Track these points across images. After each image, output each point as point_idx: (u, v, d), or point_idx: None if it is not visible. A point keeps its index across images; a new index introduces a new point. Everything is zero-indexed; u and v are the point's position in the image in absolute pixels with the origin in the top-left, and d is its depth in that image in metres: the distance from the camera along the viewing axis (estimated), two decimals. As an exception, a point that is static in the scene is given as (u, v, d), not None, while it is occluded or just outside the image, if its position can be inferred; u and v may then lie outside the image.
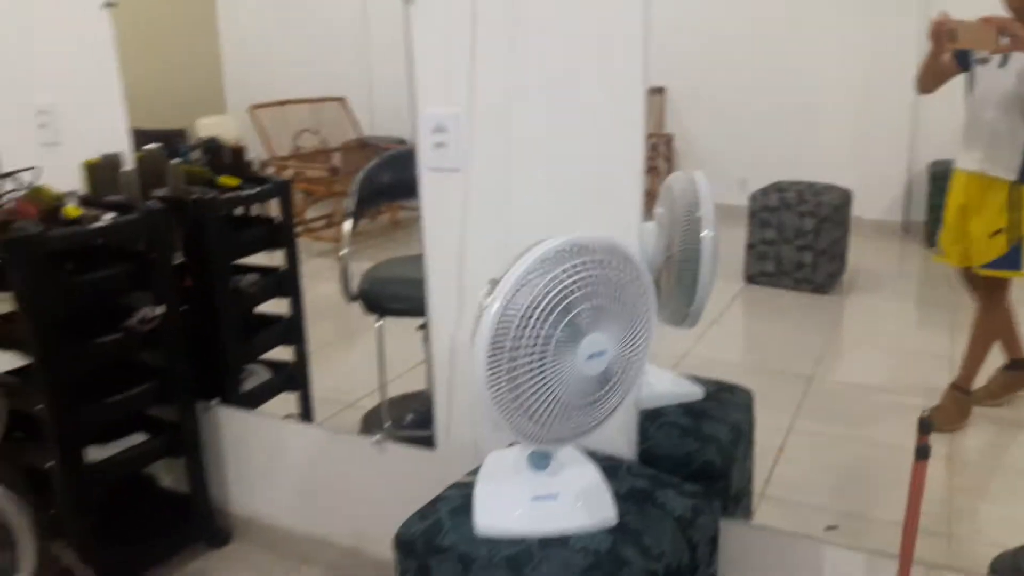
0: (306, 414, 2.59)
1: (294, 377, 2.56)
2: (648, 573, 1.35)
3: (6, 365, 2.04)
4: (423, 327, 1.97)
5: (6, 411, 1.63)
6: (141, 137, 2.42)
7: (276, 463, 2.26)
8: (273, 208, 2.51)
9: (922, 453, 1.42)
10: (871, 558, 1.59)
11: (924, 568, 1.54)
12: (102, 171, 2.20)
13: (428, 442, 1.98)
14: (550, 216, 1.71)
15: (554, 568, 1.34)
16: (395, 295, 2.43)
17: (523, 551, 1.39)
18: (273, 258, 2.53)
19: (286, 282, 2.47)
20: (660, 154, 5.72)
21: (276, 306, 2.56)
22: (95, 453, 2.05)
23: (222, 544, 2.35)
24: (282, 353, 2.61)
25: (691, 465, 1.71)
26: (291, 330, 2.50)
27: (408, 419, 2.58)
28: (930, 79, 2.60)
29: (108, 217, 1.99)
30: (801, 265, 4.03)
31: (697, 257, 1.75)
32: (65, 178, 2.33)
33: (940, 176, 4.22)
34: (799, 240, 4.03)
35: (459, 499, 1.54)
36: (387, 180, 2.67)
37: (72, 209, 2.00)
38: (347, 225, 2.51)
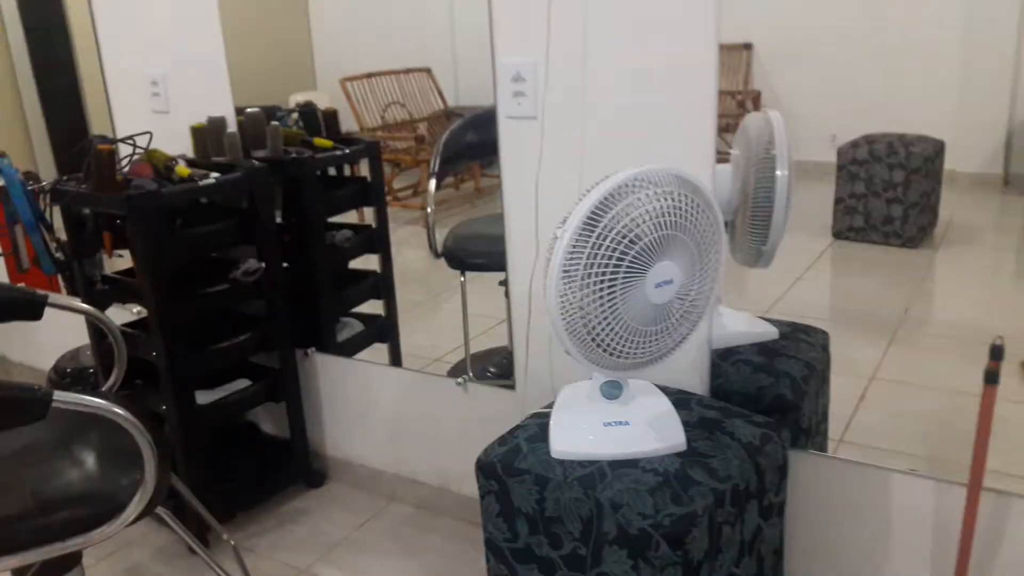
0: (396, 364, 2.73)
1: (384, 329, 2.69)
2: (715, 492, 1.42)
3: (127, 317, 2.24)
4: (504, 283, 2.07)
5: (125, 358, 1.80)
6: (239, 115, 2.58)
7: (368, 406, 2.41)
8: (364, 169, 2.64)
9: (991, 378, 1.44)
10: (940, 485, 1.61)
11: (994, 495, 1.55)
12: (207, 134, 2.36)
13: (510, 387, 2.09)
14: (624, 162, 1.77)
15: (625, 485, 1.42)
16: (477, 251, 2.54)
17: (595, 471, 1.47)
18: (364, 217, 2.66)
19: (376, 239, 2.60)
20: (747, 111, 5.64)
21: (367, 263, 2.70)
22: (204, 397, 2.23)
23: (319, 484, 2.52)
24: (373, 307, 2.75)
25: (763, 399, 1.76)
26: (381, 285, 2.64)
27: (491, 371, 2.70)
28: None
29: (214, 176, 2.14)
30: (890, 219, 3.95)
31: (771, 197, 1.79)
32: (174, 143, 2.53)
33: (1045, 125, 4.05)
34: (888, 193, 3.94)
35: (535, 428, 1.63)
36: (470, 140, 2.77)
37: (182, 169, 2.17)
38: (432, 184, 2.63)
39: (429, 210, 2.69)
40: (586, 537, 1.48)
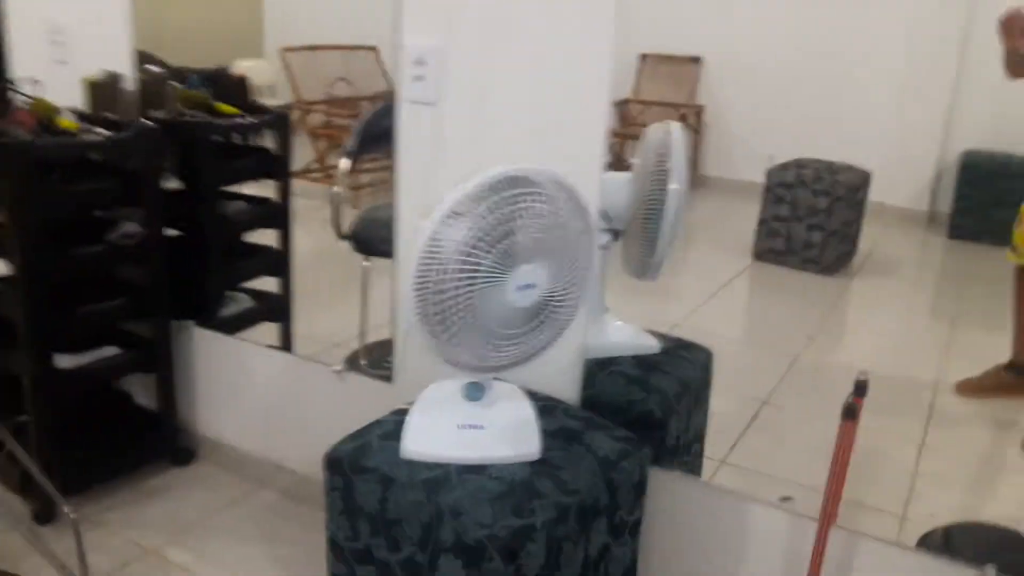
0: (286, 347, 2.64)
1: (277, 308, 2.61)
2: (558, 506, 1.38)
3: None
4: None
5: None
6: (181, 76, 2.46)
7: (243, 387, 2.32)
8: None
9: (849, 413, 1.42)
10: (795, 519, 1.60)
11: (845, 533, 1.54)
12: (102, 89, 2.25)
13: (388, 380, 2.02)
14: (518, 156, 1.72)
15: (467, 492, 1.37)
16: (383, 237, 2.47)
17: (441, 475, 1.42)
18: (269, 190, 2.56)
19: (276, 214, 2.51)
20: (689, 125, 5.64)
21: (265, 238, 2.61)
22: (67, 362, 2.12)
23: (185, 462, 2.42)
24: (269, 285, 2.66)
25: (630, 412, 1.72)
26: (277, 262, 2.55)
27: (387, 362, 2.63)
28: (1018, 68, 2.44)
29: (101, 133, 2.03)
30: (810, 245, 3.98)
31: (662, 209, 1.76)
32: (73, 96, 2.39)
33: (972, 166, 4.12)
34: (811, 219, 3.97)
35: (392, 424, 1.57)
36: (389, 126, 2.69)
37: (66, 122, 2.06)
38: (344, 163, 2.54)
39: (335, 189, 2.61)
40: (424, 543, 1.42)
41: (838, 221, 3.95)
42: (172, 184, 2.31)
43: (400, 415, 1.58)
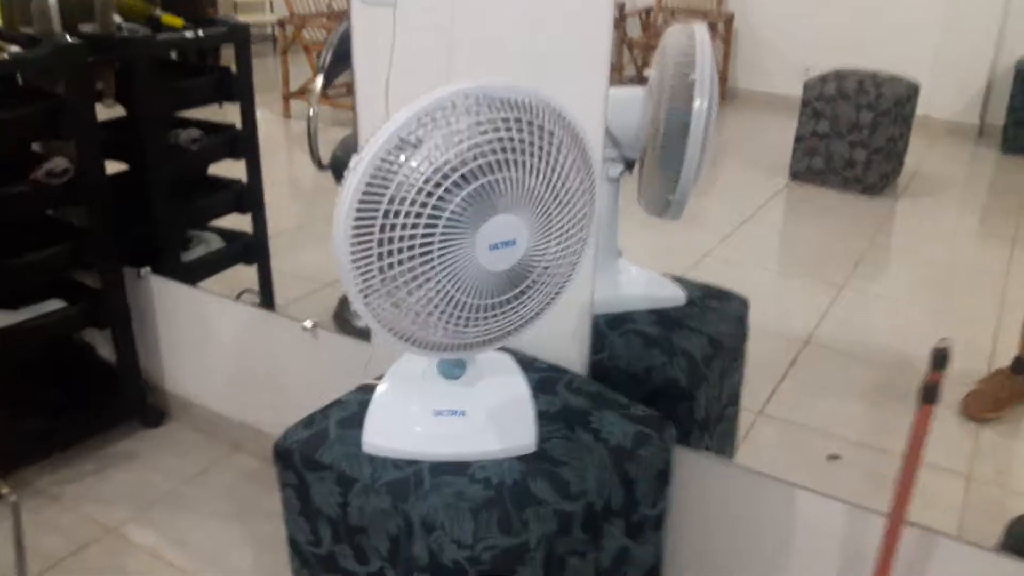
0: (266, 289, 2.35)
1: (251, 249, 2.31)
2: (559, 515, 1.09)
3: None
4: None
5: None
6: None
7: (207, 342, 2.04)
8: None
9: (929, 395, 1.11)
10: (855, 512, 1.30)
11: (918, 531, 1.25)
12: (19, 1, 1.90)
13: (367, 339, 1.73)
14: (498, 68, 1.38)
15: (443, 500, 1.09)
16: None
17: (412, 475, 1.13)
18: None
19: (240, 142, 2.19)
20: (718, 35, 5.18)
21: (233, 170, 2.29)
22: (2, 319, 1.84)
23: (155, 424, 2.17)
24: (244, 223, 2.36)
25: (650, 382, 1.43)
26: (245, 196, 2.24)
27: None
28: None
29: (9, 50, 1.70)
30: (852, 163, 3.60)
31: (684, 132, 1.42)
32: None
33: (1028, 76, 3.68)
34: (853, 135, 3.59)
35: (355, 406, 1.28)
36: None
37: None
38: (318, 81, 2.20)
39: (312, 111, 2.27)
40: (393, 558, 1.15)
41: (883, 137, 3.56)
42: (115, 112, 1.99)
43: (366, 393, 1.29)
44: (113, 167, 2.09)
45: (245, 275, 2.37)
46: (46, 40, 1.76)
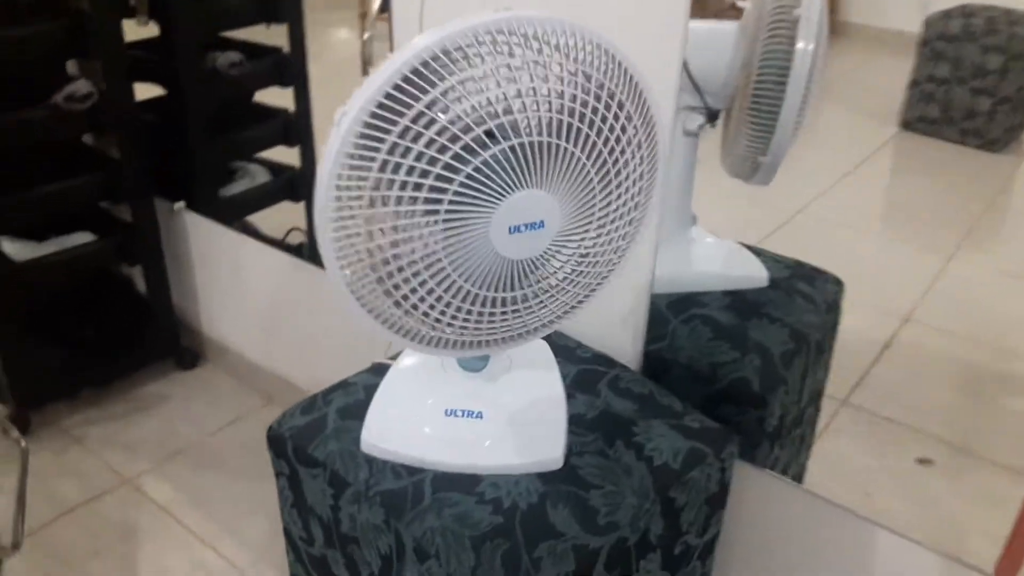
0: (313, 230, 2.19)
1: (297, 185, 2.14)
2: (580, 552, 0.90)
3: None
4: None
5: None
6: None
7: (242, 286, 1.89)
8: None
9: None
10: (952, 567, 1.07)
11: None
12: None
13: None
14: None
15: (442, 522, 0.91)
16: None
17: (411, 486, 0.95)
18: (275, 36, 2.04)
19: (287, 68, 2.00)
20: None
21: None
22: (25, 251, 1.73)
23: (191, 366, 2.06)
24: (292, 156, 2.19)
25: (715, 382, 1.20)
26: (293, 127, 2.06)
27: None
28: None
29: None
30: (973, 113, 3.19)
31: (782, 81, 1.16)
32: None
33: None
34: (976, 81, 3.17)
35: (362, 391, 1.11)
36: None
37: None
38: (375, 3, 1.98)
39: (366, 35, 2.06)
40: (386, 579, 0.98)
41: (1012, 85, 3.14)
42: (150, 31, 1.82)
43: (377, 376, 1.11)
44: (151, 92, 1.95)
45: (295, 213, 2.22)
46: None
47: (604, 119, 0.77)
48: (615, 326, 1.24)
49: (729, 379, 1.19)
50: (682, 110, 1.32)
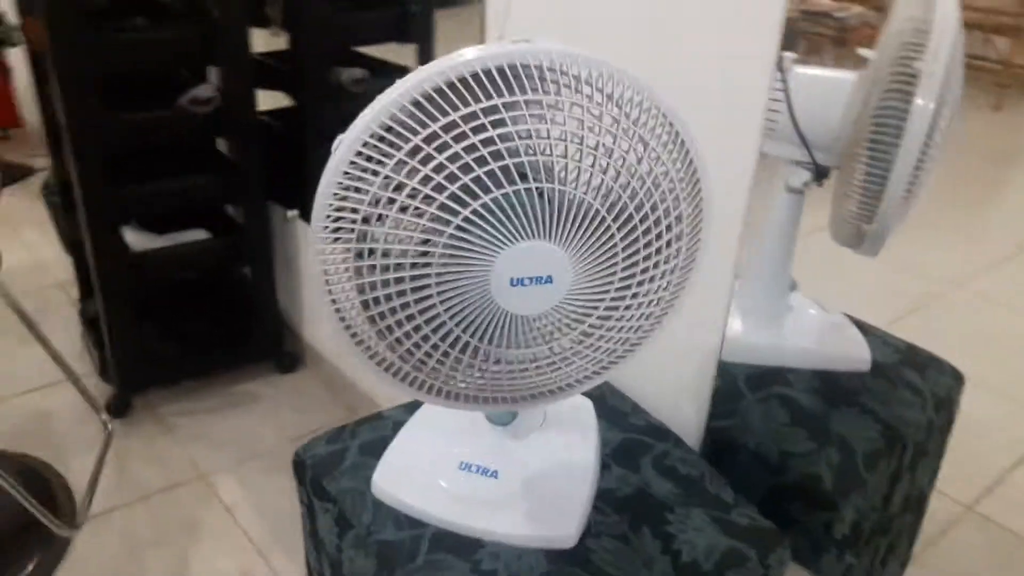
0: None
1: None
2: (572, 651, 0.80)
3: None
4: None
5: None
6: None
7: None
8: None
9: None
10: None
11: None
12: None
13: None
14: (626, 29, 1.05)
15: (430, 589, 0.83)
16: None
17: (409, 540, 0.89)
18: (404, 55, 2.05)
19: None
20: None
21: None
22: (143, 242, 1.82)
23: (289, 369, 2.09)
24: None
25: (783, 474, 1.07)
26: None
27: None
28: None
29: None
30: None
31: (896, 138, 1.02)
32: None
33: None
34: None
35: (391, 427, 1.06)
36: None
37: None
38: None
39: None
40: (373, 635, 0.92)
41: None
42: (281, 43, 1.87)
43: (411, 412, 1.06)
44: (283, 101, 2.00)
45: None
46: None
47: (647, 172, 0.68)
48: (679, 394, 1.13)
49: (799, 473, 1.05)
50: (788, 163, 1.20)
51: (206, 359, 2.02)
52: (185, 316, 2.07)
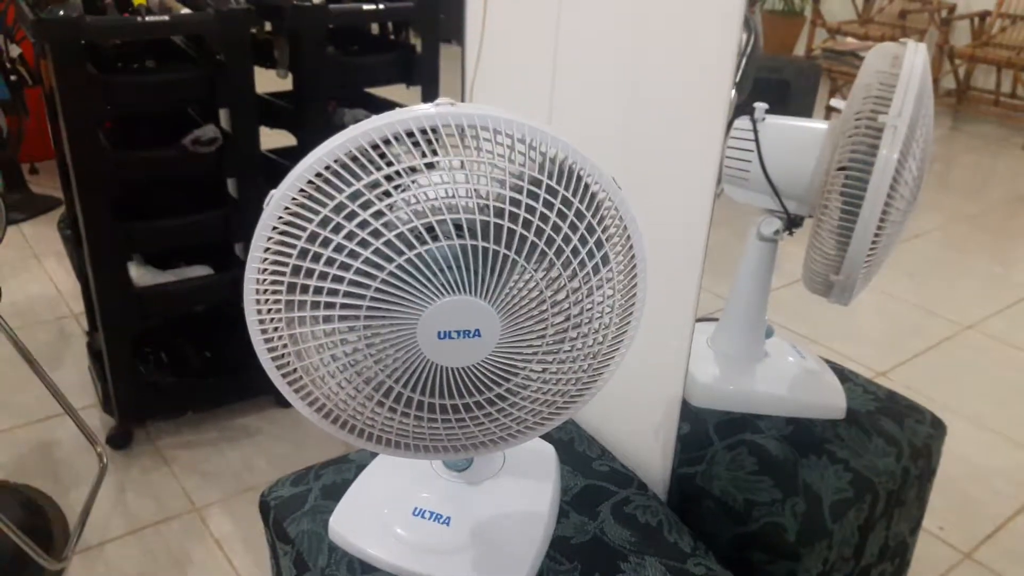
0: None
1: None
2: None
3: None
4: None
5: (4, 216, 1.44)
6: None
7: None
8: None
9: None
10: None
11: None
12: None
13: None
14: (595, 90, 1.07)
15: (374, 636, 0.84)
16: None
17: (358, 587, 0.90)
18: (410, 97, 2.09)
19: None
20: (933, 20, 4.24)
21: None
22: (147, 278, 1.86)
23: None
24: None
25: (748, 522, 1.06)
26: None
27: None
28: None
29: (175, 13, 1.68)
30: None
31: (860, 190, 1.02)
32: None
33: None
34: None
35: (355, 470, 1.07)
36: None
37: (142, -1, 1.73)
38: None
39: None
40: None
41: None
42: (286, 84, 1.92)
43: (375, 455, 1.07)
44: (286, 140, 2.05)
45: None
46: (217, 4, 1.71)
47: (558, 232, 0.69)
48: (646, 440, 1.13)
49: (763, 522, 1.04)
50: (761, 212, 1.20)
51: (207, 393, 2.04)
52: (187, 349, 2.11)
